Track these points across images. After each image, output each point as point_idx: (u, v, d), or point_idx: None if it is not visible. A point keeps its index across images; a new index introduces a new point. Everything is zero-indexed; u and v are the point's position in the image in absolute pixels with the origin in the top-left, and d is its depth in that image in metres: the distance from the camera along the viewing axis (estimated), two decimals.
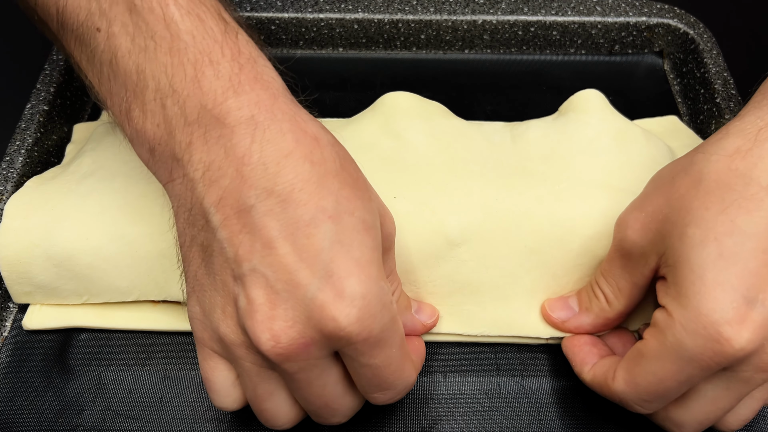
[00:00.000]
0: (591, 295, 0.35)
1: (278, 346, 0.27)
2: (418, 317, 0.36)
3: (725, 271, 0.27)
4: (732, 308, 0.26)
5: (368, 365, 0.28)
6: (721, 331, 0.26)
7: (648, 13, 0.51)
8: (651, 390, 0.29)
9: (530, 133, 0.40)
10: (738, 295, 0.26)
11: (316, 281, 0.26)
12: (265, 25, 0.50)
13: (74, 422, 0.34)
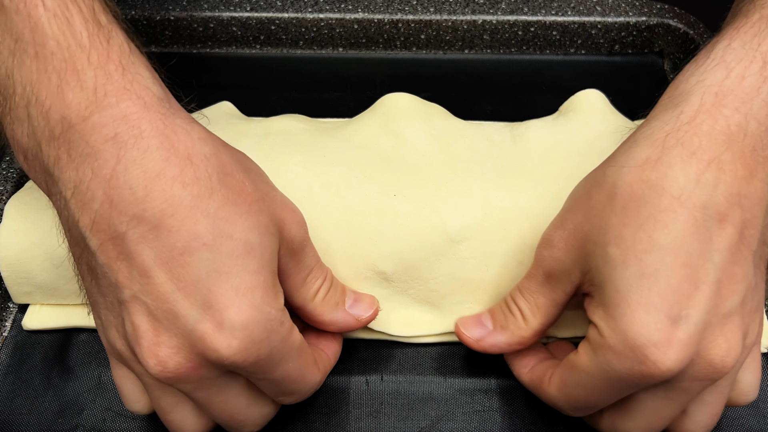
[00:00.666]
0: (506, 313, 0.34)
1: (166, 371, 0.26)
2: (354, 312, 0.34)
3: (648, 292, 0.26)
4: (657, 329, 0.26)
5: (265, 380, 0.29)
6: (647, 354, 0.26)
7: (648, 13, 0.51)
8: (581, 400, 0.30)
9: (530, 132, 0.40)
10: (661, 315, 0.26)
11: (194, 312, 0.26)
12: (265, 25, 0.50)
13: (74, 422, 0.34)
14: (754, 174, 0.28)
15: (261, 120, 0.41)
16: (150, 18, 0.50)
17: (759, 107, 0.28)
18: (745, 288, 0.28)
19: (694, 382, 0.28)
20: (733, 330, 0.27)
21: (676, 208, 0.27)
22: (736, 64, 0.29)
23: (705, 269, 0.27)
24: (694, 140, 0.28)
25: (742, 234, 0.27)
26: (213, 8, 0.50)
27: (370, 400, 0.35)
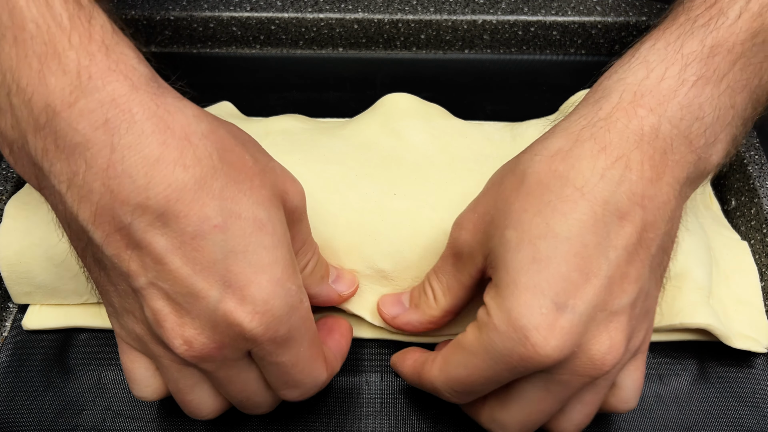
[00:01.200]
0: (421, 293, 0.34)
1: (192, 350, 0.26)
2: (336, 287, 0.35)
3: (537, 275, 0.26)
4: (540, 314, 0.26)
5: (276, 363, 0.28)
6: (528, 336, 0.26)
7: (648, 13, 0.51)
8: (460, 380, 0.29)
9: (530, 132, 0.40)
10: (548, 300, 0.26)
11: (215, 292, 0.26)
12: (265, 25, 0.50)
13: (74, 422, 0.34)
14: (661, 177, 0.27)
15: (261, 120, 0.41)
16: (150, 18, 0.50)
17: (674, 110, 0.28)
18: (638, 290, 0.27)
19: (573, 377, 0.27)
20: (618, 329, 0.27)
21: (578, 199, 0.27)
22: (657, 65, 0.29)
23: (598, 263, 0.26)
24: (607, 136, 0.28)
25: (642, 235, 0.27)
26: (213, 8, 0.50)
27: (370, 400, 0.35)
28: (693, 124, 0.28)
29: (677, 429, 0.35)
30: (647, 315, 0.29)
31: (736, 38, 0.29)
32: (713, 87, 0.28)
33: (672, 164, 0.28)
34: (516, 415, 0.29)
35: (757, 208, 0.41)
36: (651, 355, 0.37)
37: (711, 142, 0.29)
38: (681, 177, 0.28)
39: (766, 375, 0.37)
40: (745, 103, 0.30)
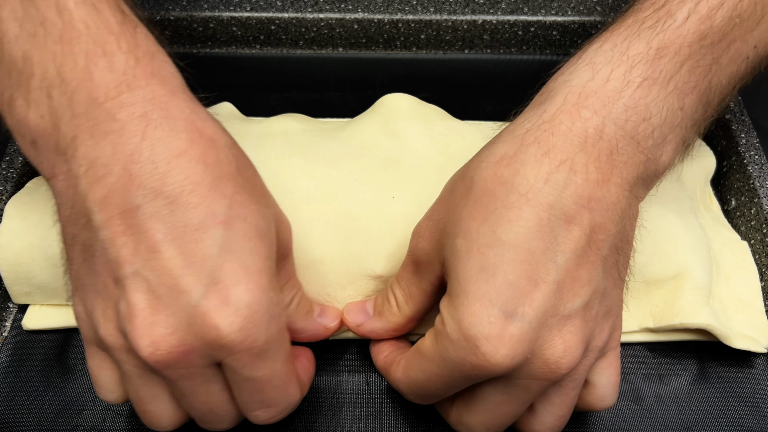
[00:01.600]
0: (384, 300, 0.34)
1: (157, 353, 0.26)
2: (321, 321, 0.35)
3: (485, 285, 0.26)
4: (489, 323, 0.26)
5: (250, 378, 0.27)
6: (478, 346, 0.26)
7: None
8: (419, 384, 0.30)
9: None
10: (495, 309, 0.26)
11: (200, 288, 0.25)
12: (265, 25, 0.50)
13: (74, 422, 0.34)
14: (608, 178, 0.27)
15: (261, 120, 0.41)
16: (150, 18, 0.50)
17: (619, 111, 0.28)
18: (591, 292, 0.27)
19: (531, 381, 0.27)
20: (571, 332, 0.27)
21: (523, 205, 0.27)
22: (603, 67, 0.28)
23: (546, 268, 0.26)
24: (551, 140, 0.28)
25: (591, 238, 0.27)
26: (213, 8, 0.50)
27: (370, 400, 0.35)
28: (640, 125, 0.28)
29: (677, 429, 0.35)
30: (609, 314, 0.29)
31: (683, 40, 0.28)
32: (660, 88, 0.28)
33: (620, 165, 0.28)
34: (480, 417, 0.30)
35: (757, 208, 0.41)
36: (651, 355, 0.37)
37: (660, 143, 0.29)
38: (630, 177, 0.28)
39: (766, 375, 0.37)
40: (695, 105, 0.29)
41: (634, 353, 0.37)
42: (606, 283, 0.28)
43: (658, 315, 0.37)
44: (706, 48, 0.29)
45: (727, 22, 0.29)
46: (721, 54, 0.29)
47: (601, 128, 0.28)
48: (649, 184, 0.30)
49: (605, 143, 0.28)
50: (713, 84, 0.30)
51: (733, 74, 0.31)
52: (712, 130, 0.46)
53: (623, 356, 0.37)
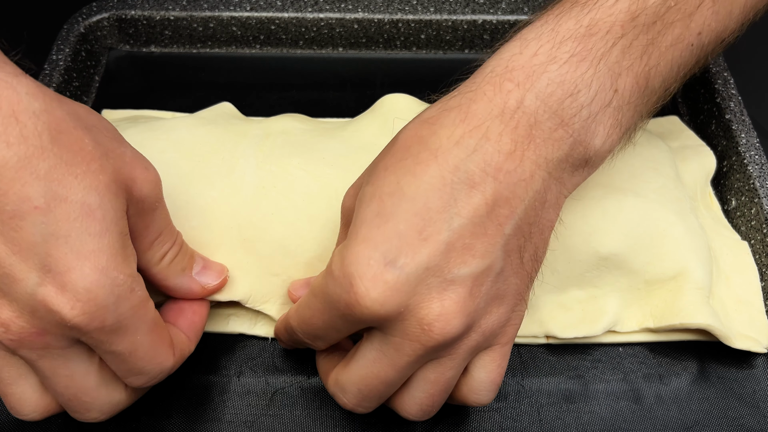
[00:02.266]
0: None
1: (9, 333, 0.25)
2: (201, 278, 0.33)
3: (376, 229, 0.26)
4: (367, 264, 0.26)
5: (111, 352, 0.27)
6: (353, 284, 0.26)
7: None
8: (305, 320, 0.30)
9: None
10: (378, 253, 0.26)
11: (34, 276, 0.25)
12: (265, 25, 0.50)
13: (75, 422, 0.34)
14: (523, 153, 0.27)
15: (261, 120, 0.41)
16: (150, 18, 0.50)
17: (542, 85, 0.27)
18: (484, 266, 0.27)
19: (404, 340, 0.27)
20: (452, 299, 0.26)
21: (430, 162, 0.27)
22: (532, 42, 0.28)
23: (438, 227, 0.26)
24: (472, 107, 0.28)
25: (493, 210, 0.27)
26: (213, 8, 0.50)
27: None
28: (564, 101, 0.27)
29: (677, 429, 0.35)
30: (502, 300, 0.28)
31: (615, 19, 0.28)
32: (589, 65, 0.28)
33: (539, 141, 0.27)
34: (353, 376, 0.29)
35: (757, 208, 0.41)
36: (651, 355, 0.37)
37: (589, 125, 0.28)
38: (551, 156, 0.28)
39: (767, 375, 0.37)
40: (632, 87, 0.29)
41: (634, 353, 0.37)
42: (504, 265, 0.28)
43: (659, 315, 0.37)
44: (639, 28, 0.28)
45: (660, 3, 0.28)
46: (657, 36, 0.29)
47: (522, 100, 0.27)
48: (577, 169, 0.29)
49: (525, 116, 0.27)
50: (652, 67, 0.29)
51: (677, 60, 0.30)
52: (712, 129, 0.46)
53: (624, 356, 0.37)
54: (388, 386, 0.29)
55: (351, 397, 0.30)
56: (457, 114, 0.28)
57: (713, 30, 0.30)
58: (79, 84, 0.48)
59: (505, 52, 0.29)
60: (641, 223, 0.36)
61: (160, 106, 0.47)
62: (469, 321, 0.27)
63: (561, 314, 0.37)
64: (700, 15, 0.30)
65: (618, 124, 0.29)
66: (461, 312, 0.27)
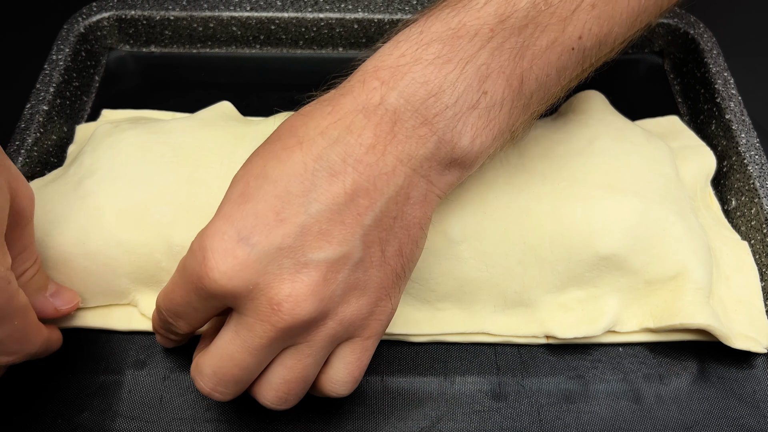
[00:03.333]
0: None
1: None
2: (53, 300, 0.35)
3: (235, 207, 0.27)
4: (221, 239, 0.27)
5: None
6: (206, 257, 0.27)
7: None
8: (167, 297, 0.30)
9: (530, 132, 0.40)
10: (233, 229, 0.27)
11: None
12: (265, 25, 0.50)
13: (74, 422, 0.34)
14: (385, 147, 0.28)
15: (260, 121, 0.41)
16: (150, 18, 0.50)
17: (406, 84, 0.28)
18: (341, 253, 0.27)
19: (255, 320, 0.27)
20: (305, 281, 0.27)
21: (295, 149, 0.28)
22: (402, 44, 0.29)
23: (296, 210, 0.27)
24: (340, 101, 0.29)
25: (352, 199, 0.27)
26: (213, 8, 0.50)
27: (370, 400, 0.35)
28: (427, 100, 0.28)
29: (677, 429, 0.35)
30: (363, 291, 0.29)
31: (483, 21, 0.28)
32: (454, 67, 0.28)
33: (402, 137, 0.28)
34: (210, 359, 0.29)
35: (757, 208, 0.41)
36: (651, 355, 0.37)
37: (455, 125, 0.28)
38: (416, 154, 0.28)
39: (766, 375, 0.37)
40: (503, 89, 0.29)
41: (635, 353, 0.37)
42: (364, 256, 0.28)
43: (659, 315, 0.37)
44: (509, 30, 0.28)
45: (531, 7, 0.29)
46: (530, 39, 0.29)
47: (385, 97, 0.28)
48: (447, 168, 0.30)
49: (388, 113, 0.28)
50: (526, 69, 0.29)
51: (554, 63, 0.30)
52: (713, 129, 0.46)
53: (624, 356, 0.37)
54: (243, 370, 0.29)
55: (207, 380, 0.30)
56: (326, 107, 0.29)
57: (596, 34, 0.30)
58: (79, 84, 0.48)
59: (378, 53, 0.30)
60: (641, 223, 0.36)
61: (160, 106, 0.47)
62: (322, 306, 0.28)
63: (561, 314, 0.37)
64: (577, 19, 0.29)
65: (488, 125, 0.29)
66: (313, 295, 0.27)
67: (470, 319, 0.37)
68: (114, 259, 0.36)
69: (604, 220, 0.36)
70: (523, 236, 0.36)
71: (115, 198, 0.36)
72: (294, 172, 0.27)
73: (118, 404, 0.35)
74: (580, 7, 0.29)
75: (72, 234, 0.36)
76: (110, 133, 0.40)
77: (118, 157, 0.38)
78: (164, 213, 0.36)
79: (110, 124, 0.40)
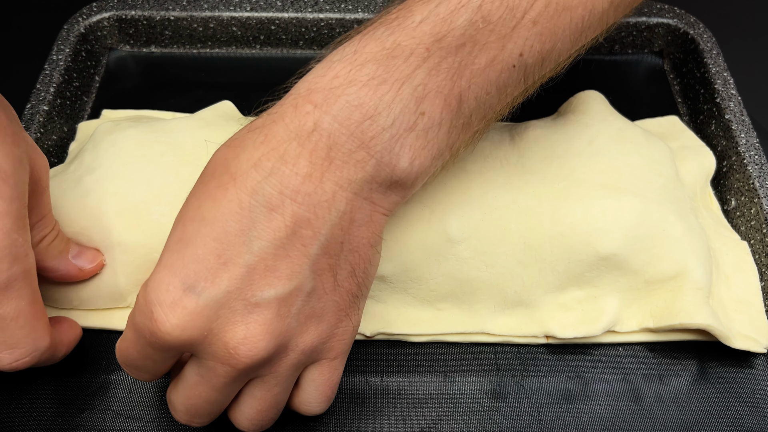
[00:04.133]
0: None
1: None
2: (77, 261, 0.35)
3: (176, 255, 0.27)
4: (166, 291, 0.26)
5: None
6: (153, 311, 0.26)
7: (648, 13, 0.51)
8: (122, 353, 0.30)
9: (529, 133, 0.40)
10: (176, 279, 0.26)
11: None
12: (265, 25, 0.50)
13: (74, 422, 0.34)
14: (322, 175, 0.27)
15: None
16: (150, 18, 0.50)
17: (340, 107, 0.27)
18: (291, 288, 0.27)
19: (216, 363, 0.27)
20: (257, 321, 0.27)
21: (229, 186, 0.27)
22: (335, 64, 0.28)
23: (238, 251, 0.26)
24: (273, 129, 0.28)
25: (295, 232, 0.27)
26: (213, 8, 0.50)
27: (370, 400, 0.35)
28: (363, 123, 0.27)
29: (677, 429, 0.35)
30: (321, 319, 0.29)
31: (418, 41, 0.28)
32: (389, 88, 0.27)
33: (339, 162, 0.27)
34: (180, 396, 0.30)
35: (756, 208, 0.41)
36: (651, 355, 0.37)
37: (392, 147, 0.28)
38: (354, 178, 0.27)
39: (766, 375, 0.37)
40: (441, 109, 0.28)
41: (634, 353, 0.37)
42: (316, 285, 0.28)
43: (658, 315, 0.37)
44: (446, 50, 0.28)
45: (468, 25, 0.28)
46: (468, 58, 0.28)
47: (319, 123, 0.27)
48: (389, 189, 0.29)
49: (323, 138, 0.27)
50: (464, 88, 0.28)
51: (495, 82, 0.29)
52: (712, 130, 0.46)
53: (623, 356, 0.37)
54: (214, 404, 0.29)
55: (181, 415, 0.30)
56: (258, 136, 0.28)
57: (538, 51, 0.29)
58: (79, 84, 0.48)
59: (311, 74, 0.29)
60: (641, 223, 0.36)
61: (160, 107, 0.47)
62: (279, 341, 0.27)
63: (561, 314, 0.37)
64: (518, 36, 0.29)
65: (427, 146, 0.28)
66: (268, 334, 0.27)
67: (470, 319, 0.37)
68: (113, 259, 0.36)
69: (603, 220, 0.36)
70: (523, 236, 0.36)
71: (114, 197, 0.36)
72: (230, 211, 0.26)
73: (118, 404, 0.35)
74: (521, 23, 0.28)
75: (72, 233, 0.36)
76: (111, 131, 0.40)
77: (118, 155, 0.38)
78: (164, 213, 0.36)
79: (112, 122, 0.40)
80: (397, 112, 0.27)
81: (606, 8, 0.31)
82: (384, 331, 0.37)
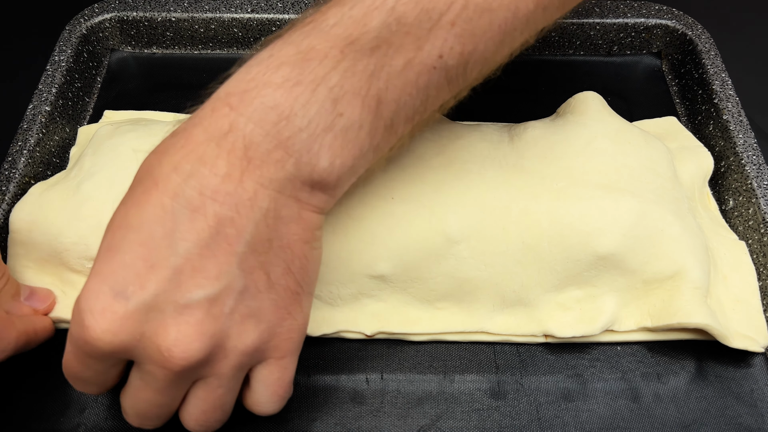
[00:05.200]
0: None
1: None
2: (30, 303, 0.36)
3: (105, 263, 0.27)
4: (96, 298, 0.26)
5: None
6: (83, 318, 0.26)
7: (646, 14, 0.51)
8: (66, 366, 0.30)
9: (528, 133, 0.40)
10: (106, 285, 0.26)
11: None
12: (266, 27, 0.51)
13: (76, 421, 0.35)
14: (242, 174, 0.27)
15: None
16: (151, 19, 0.50)
17: (255, 108, 0.27)
18: (221, 287, 0.27)
19: (153, 367, 0.27)
20: (188, 323, 0.27)
21: (152, 191, 0.27)
22: (253, 67, 0.28)
23: (164, 254, 0.26)
24: (192, 132, 0.28)
25: (219, 231, 0.27)
26: (214, 9, 0.50)
27: (370, 399, 0.36)
28: (278, 124, 0.27)
29: (675, 428, 0.35)
30: (259, 318, 0.29)
31: (332, 44, 0.28)
32: (304, 89, 0.28)
33: (258, 162, 0.27)
34: (128, 400, 0.30)
35: (754, 208, 0.41)
36: (649, 354, 0.37)
37: (310, 146, 0.28)
38: (276, 177, 0.28)
39: (764, 374, 0.37)
40: (359, 111, 0.28)
41: (633, 352, 0.38)
42: (248, 284, 0.28)
43: (656, 314, 0.37)
44: (361, 52, 0.28)
45: (382, 27, 0.28)
46: (384, 59, 0.28)
47: (235, 124, 0.27)
48: (316, 188, 0.29)
49: (239, 138, 0.27)
50: (382, 90, 0.29)
51: (414, 83, 0.29)
52: (710, 130, 0.46)
53: (622, 355, 0.37)
54: (161, 407, 0.30)
55: (132, 418, 0.31)
56: (179, 140, 0.28)
57: (459, 53, 0.29)
58: (81, 85, 0.48)
59: (230, 79, 0.29)
60: (639, 223, 0.36)
61: (161, 108, 0.47)
62: (214, 342, 0.28)
63: (559, 313, 0.37)
64: (435, 37, 0.28)
65: (347, 146, 0.29)
66: (201, 335, 0.27)
67: (469, 318, 0.37)
68: None
69: (602, 220, 0.36)
70: (522, 236, 0.36)
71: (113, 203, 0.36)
72: (153, 215, 0.27)
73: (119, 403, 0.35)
74: (438, 25, 0.28)
75: (72, 240, 0.36)
76: (111, 135, 0.40)
77: (117, 160, 0.38)
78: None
79: (111, 126, 0.41)
80: (313, 112, 0.28)
81: (531, 10, 0.30)
82: (384, 330, 0.37)
